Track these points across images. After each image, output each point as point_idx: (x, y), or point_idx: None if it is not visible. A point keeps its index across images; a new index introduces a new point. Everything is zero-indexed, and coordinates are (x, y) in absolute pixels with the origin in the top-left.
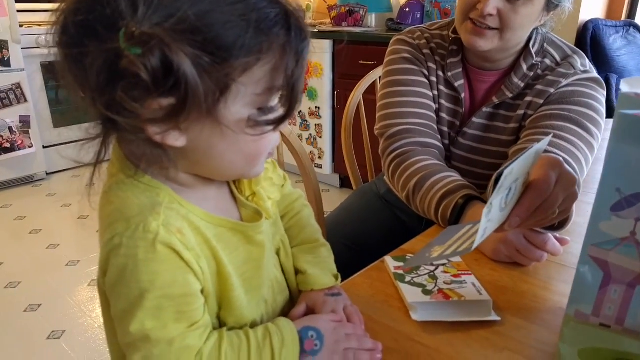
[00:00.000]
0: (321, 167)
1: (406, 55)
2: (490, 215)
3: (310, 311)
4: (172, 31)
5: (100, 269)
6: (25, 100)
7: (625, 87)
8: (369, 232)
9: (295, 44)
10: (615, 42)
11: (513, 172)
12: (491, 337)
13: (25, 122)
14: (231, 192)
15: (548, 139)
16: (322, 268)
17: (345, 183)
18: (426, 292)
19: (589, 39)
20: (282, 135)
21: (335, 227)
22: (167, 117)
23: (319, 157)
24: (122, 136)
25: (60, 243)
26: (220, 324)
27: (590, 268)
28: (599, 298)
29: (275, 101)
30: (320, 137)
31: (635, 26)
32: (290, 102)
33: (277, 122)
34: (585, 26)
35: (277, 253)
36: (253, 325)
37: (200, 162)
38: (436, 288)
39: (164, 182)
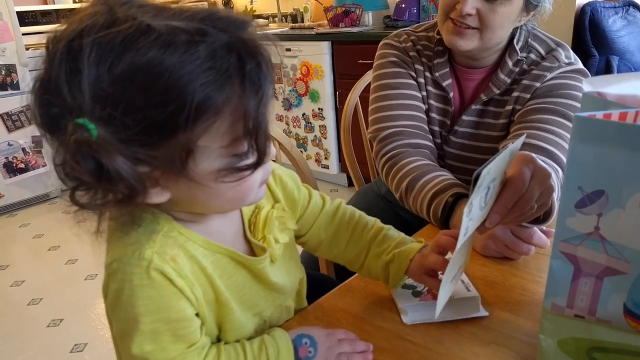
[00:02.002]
0: (328, 168)
1: (393, 58)
2: (471, 215)
3: (426, 272)
4: (108, 133)
5: (103, 291)
6: None
7: (587, 86)
8: None
9: (253, 89)
10: (614, 23)
11: (490, 172)
12: (479, 332)
13: (37, 142)
14: (244, 230)
15: (522, 138)
16: (399, 245)
17: (352, 182)
18: (416, 294)
19: (587, 22)
20: (281, 146)
21: None
22: (130, 195)
23: (325, 158)
24: None
25: (79, 258)
26: (219, 340)
27: (562, 262)
28: (572, 290)
29: (246, 146)
30: (325, 138)
31: (634, 5)
32: (258, 147)
33: (253, 167)
34: (582, 10)
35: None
36: (250, 338)
37: (190, 208)
38: (425, 289)
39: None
